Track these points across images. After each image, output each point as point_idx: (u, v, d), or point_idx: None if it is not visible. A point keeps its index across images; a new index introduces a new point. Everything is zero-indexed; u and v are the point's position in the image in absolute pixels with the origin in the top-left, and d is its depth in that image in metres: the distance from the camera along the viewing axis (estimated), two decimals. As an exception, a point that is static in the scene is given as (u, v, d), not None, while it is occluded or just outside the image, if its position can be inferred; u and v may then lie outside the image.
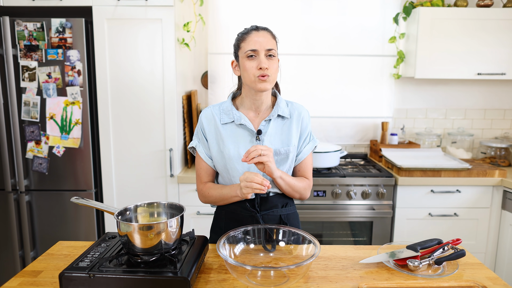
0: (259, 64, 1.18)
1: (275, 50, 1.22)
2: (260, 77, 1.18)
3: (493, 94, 2.73)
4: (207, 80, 2.66)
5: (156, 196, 2.22)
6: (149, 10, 2.05)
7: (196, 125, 1.33)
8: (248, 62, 1.20)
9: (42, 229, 2.24)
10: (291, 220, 1.35)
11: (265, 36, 1.21)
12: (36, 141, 2.15)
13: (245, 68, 1.21)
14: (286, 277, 0.98)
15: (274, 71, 1.22)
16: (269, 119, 1.27)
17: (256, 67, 1.19)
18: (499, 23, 2.33)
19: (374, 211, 2.25)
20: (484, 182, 2.23)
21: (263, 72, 1.18)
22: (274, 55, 1.21)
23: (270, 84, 1.21)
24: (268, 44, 1.20)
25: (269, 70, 1.19)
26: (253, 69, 1.19)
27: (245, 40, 1.21)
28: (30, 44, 2.06)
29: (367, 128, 2.75)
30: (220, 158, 1.28)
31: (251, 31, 1.22)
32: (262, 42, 1.19)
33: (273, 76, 1.21)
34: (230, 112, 1.27)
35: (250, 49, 1.19)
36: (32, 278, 1.04)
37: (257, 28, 1.23)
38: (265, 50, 1.19)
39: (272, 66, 1.20)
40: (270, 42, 1.21)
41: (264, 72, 1.18)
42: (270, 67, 1.19)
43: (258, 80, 1.19)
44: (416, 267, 1.07)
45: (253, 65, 1.19)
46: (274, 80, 1.23)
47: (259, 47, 1.18)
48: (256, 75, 1.19)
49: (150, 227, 0.98)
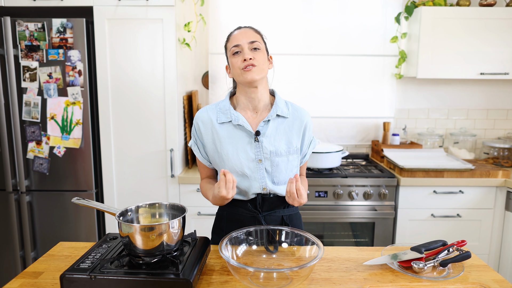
0: (243, 57, 1.19)
1: (260, 43, 1.22)
2: (245, 69, 1.19)
3: (495, 94, 2.72)
4: (207, 80, 2.65)
5: (157, 196, 2.21)
6: (150, 10, 2.04)
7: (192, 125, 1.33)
8: (234, 59, 1.21)
9: (43, 230, 2.24)
10: (294, 221, 1.34)
11: (246, 31, 1.23)
12: (37, 141, 2.14)
13: (232, 65, 1.22)
14: (289, 279, 0.97)
15: (262, 62, 1.21)
16: (268, 119, 1.25)
17: (241, 60, 1.20)
18: (502, 23, 2.32)
19: (376, 212, 2.24)
20: (487, 182, 2.22)
21: (247, 63, 1.18)
22: (258, 47, 1.21)
23: (258, 74, 1.20)
24: (250, 37, 1.21)
25: (254, 60, 1.19)
26: (238, 63, 1.20)
27: (229, 40, 1.25)
28: (31, 44, 2.05)
29: (369, 128, 2.74)
30: (217, 158, 1.27)
31: (233, 31, 1.26)
32: (244, 36, 1.21)
33: (260, 67, 1.20)
34: (228, 112, 1.26)
35: (233, 45, 1.21)
36: (33, 279, 1.04)
37: (239, 27, 1.26)
38: (248, 43, 1.20)
39: (258, 57, 1.20)
40: (252, 35, 1.22)
41: (248, 62, 1.18)
42: (256, 58, 1.20)
43: (243, 71, 1.19)
44: (421, 269, 1.06)
45: (238, 59, 1.20)
46: (262, 70, 1.21)
47: (241, 41, 1.20)
48: (241, 67, 1.19)
49: (152, 228, 0.97)
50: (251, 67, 1.18)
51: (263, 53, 1.23)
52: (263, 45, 1.24)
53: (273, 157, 1.24)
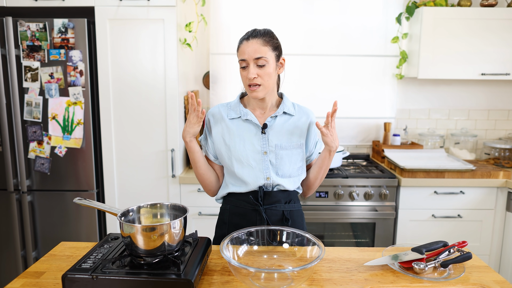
0: (247, 75, 1.24)
1: (266, 58, 1.22)
2: (251, 87, 1.25)
3: (496, 95, 2.71)
4: (208, 80, 2.66)
5: (158, 196, 2.22)
6: (151, 10, 2.04)
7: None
8: (241, 72, 1.27)
9: (44, 229, 2.24)
10: (295, 217, 1.36)
11: (253, 45, 1.22)
12: (38, 141, 2.15)
13: (241, 76, 1.28)
14: (290, 280, 0.98)
15: (266, 78, 1.24)
16: (275, 115, 1.32)
17: (246, 76, 1.25)
18: (503, 23, 2.31)
19: (376, 213, 2.24)
20: (488, 183, 2.22)
21: (251, 81, 1.23)
22: (263, 64, 1.23)
23: (262, 92, 1.26)
24: (256, 53, 1.22)
25: (259, 78, 1.24)
26: (245, 79, 1.26)
27: (238, 50, 1.28)
28: (32, 45, 2.06)
29: (370, 128, 2.74)
30: (225, 150, 1.33)
31: (242, 41, 1.26)
32: (250, 52, 1.22)
33: (265, 84, 1.25)
34: (237, 109, 1.34)
35: (240, 59, 1.25)
36: (35, 279, 1.04)
37: (248, 37, 1.25)
38: (253, 60, 1.23)
39: (263, 74, 1.23)
40: (259, 50, 1.22)
41: (252, 82, 1.23)
42: (261, 75, 1.23)
43: (249, 89, 1.25)
44: (422, 270, 1.06)
45: (244, 74, 1.26)
46: (267, 87, 1.26)
47: (247, 57, 1.23)
48: (247, 84, 1.25)
49: (153, 228, 0.97)
50: (255, 87, 1.24)
51: (270, 67, 1.24)
52: (271, 57, 1.24)
53: (278, 150, 1.30)
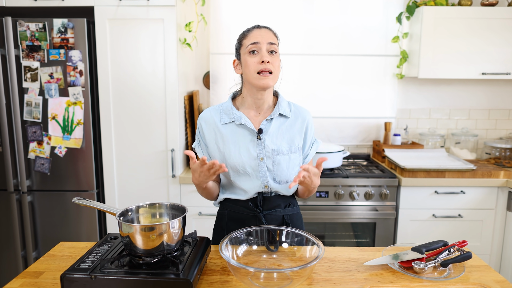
0: (261, 58, 1.16)
1: (277, 46, 1.21)
2: (262, 73, 1.16)
3: (497, 94, 2.71)
4: (209, 80, 2.65)
5: (158, 196, 2.21)
6: (151, 10, 2.04)
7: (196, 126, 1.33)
8: (250, 58, 1.18)
9: (44, 230, 2.24)
10: (295, 221, 1.34)
11: (267, 32, 1.21)
12: (38, 141, 2.15)
13: (247, 64, 1.19)
14: (289, 279, 0.97)
15: (277, 67, 1.20)
16: (271, 118, 1.25)
17: (258, 61, 1.17)
18: (504, 22, 2.31)
19: (377, 212, 2.23)
20: (489, 183, 2.21)
21: (265, 66, 1.16)
22: (276, 51, 1.20)
23: (273, 81, 1.19)
24: (270, 38, 1.19)
25: (271, 65, 1.17)
26: (255, 64, 1.17)
27: (246, 37, 1.21)
28: (32, 45, 2.06)
29: (370, 128, 2.74)
30: (219, 157, 1.27)
31: (253, 29, 1.22)
32: (264, 35, 1.19)
33: (275, 73, 1.20)
34: (230, 112, 1.26)
35: (252, 42, 1.18)
36: (34, 279, 1.04)
37: (259, 26, 1.23)
38: (267, 44, 1.18)
39: (274, 62, 1.19)
40: (271, 37, 1.21)
41: (266, 66, 1.16)
42: (273, 63, 1.18)
43: (259, 76, 1.17)
44: (421, 270, 1.05)
45: (254, 60, 1.17)
46: (276, 77, 1.21)
47: (261, 39, 1.18)
48: (257, 70, 1.17)
49: (152, 228, 0.97)
50: (267, 74, 1.16)
51: (278, 57, 1.22)
52: (278, 50, 1.23)
53: (275, 155, 1.24)
